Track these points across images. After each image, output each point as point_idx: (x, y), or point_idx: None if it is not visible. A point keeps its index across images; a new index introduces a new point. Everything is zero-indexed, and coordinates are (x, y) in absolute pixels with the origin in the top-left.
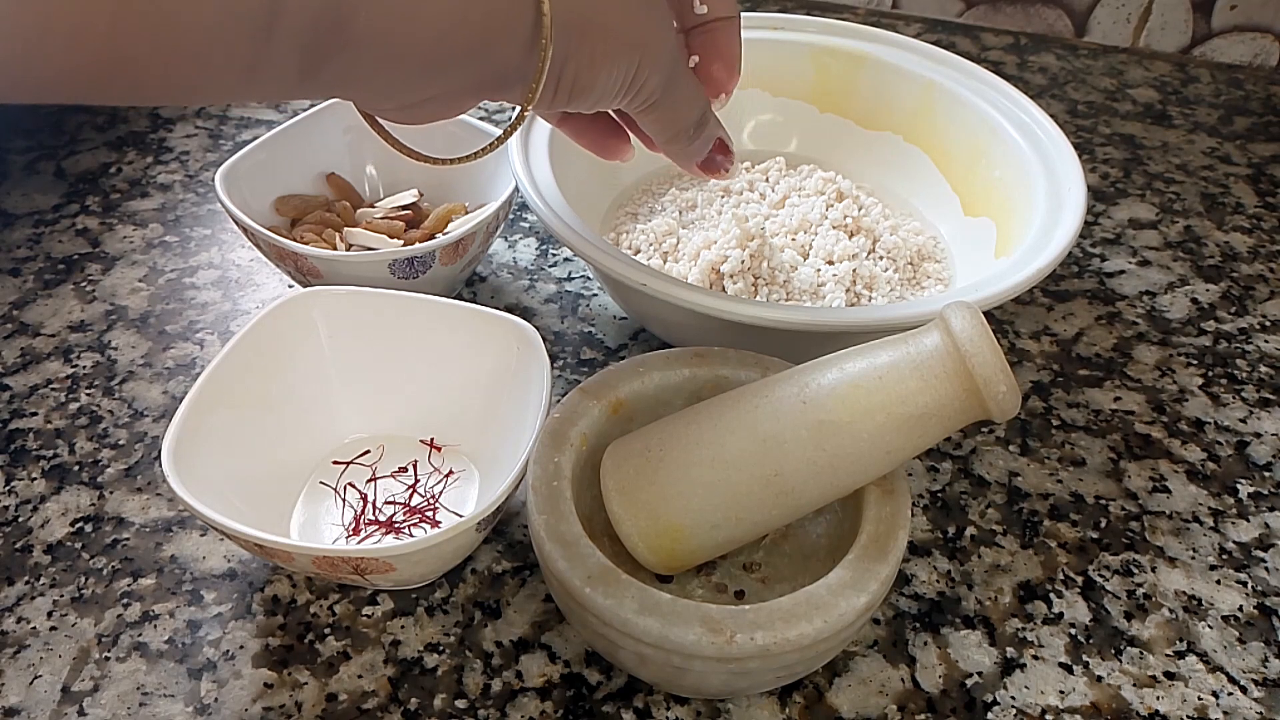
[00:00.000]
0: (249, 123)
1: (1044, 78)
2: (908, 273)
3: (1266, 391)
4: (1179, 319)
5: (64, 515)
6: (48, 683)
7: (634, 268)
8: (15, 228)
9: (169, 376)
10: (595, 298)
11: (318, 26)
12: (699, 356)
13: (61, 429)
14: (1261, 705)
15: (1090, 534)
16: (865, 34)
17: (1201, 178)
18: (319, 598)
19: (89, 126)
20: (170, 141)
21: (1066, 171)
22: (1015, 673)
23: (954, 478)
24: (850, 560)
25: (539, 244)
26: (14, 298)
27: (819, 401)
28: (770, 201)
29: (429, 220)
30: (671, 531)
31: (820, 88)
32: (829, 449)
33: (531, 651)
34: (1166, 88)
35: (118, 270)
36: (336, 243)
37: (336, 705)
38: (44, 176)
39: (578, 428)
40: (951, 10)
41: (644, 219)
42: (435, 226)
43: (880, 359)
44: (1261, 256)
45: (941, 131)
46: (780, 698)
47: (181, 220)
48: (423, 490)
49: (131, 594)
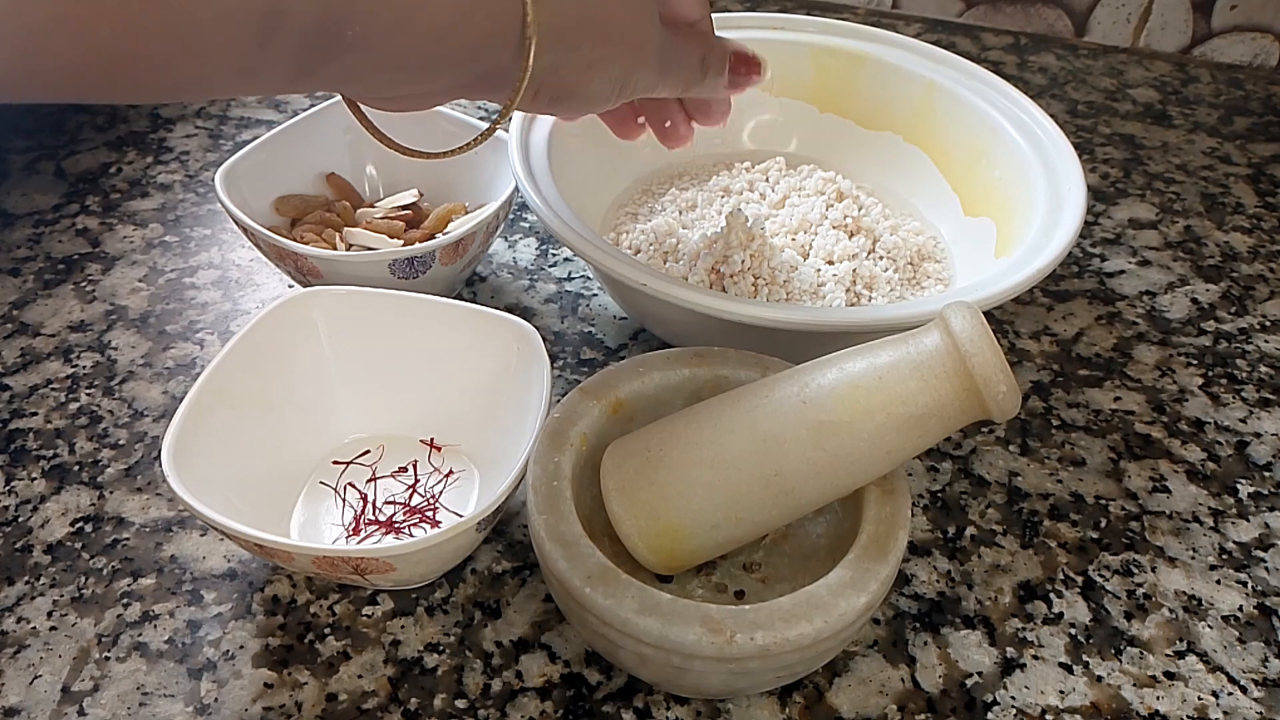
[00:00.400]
0: (249, 123)
1: (1044, 78)
2: (908, 273)
3: (1266, 391)
4: (1179, 319)
5: (64, 515)
6: (48, 683)
7: (634, 268)
8: (15, 228)
9: (169, 376)
10: (595, 298)
11: (317, 31)
12: (699, 356)
13: (61, 429)
14: (1261, 705)
15: (1090, 534)
16: (865, 34)
17: (1201, 178)
18: (319, 598)
19: (89, 126)
20: (170, 141)
21: (1066, 171)
22: (1015, 673)
23: (954, 478)
24: (850, 560)
25: (539, 244)
26: (14, 298)
27: (819, 401)
28: (770, 201)
29: (429, 220)
30: (671, 531)
31: (820, 88)
32: (829, 449)
33: (531, 651)
34: (1166, 88)
35: (118, 270)
36: (336, 243)
37: (336, 705)
38: (44, 176)
39: (578, 428)
40: (951, 10)
41: (644, 219)
42: (435, 226)
43: (880, 359)
44: (1261, 256)
45: (941, 131)
46: (780, 698)
47: (181, 220)
48: (423, 490)
49: (131, 594)
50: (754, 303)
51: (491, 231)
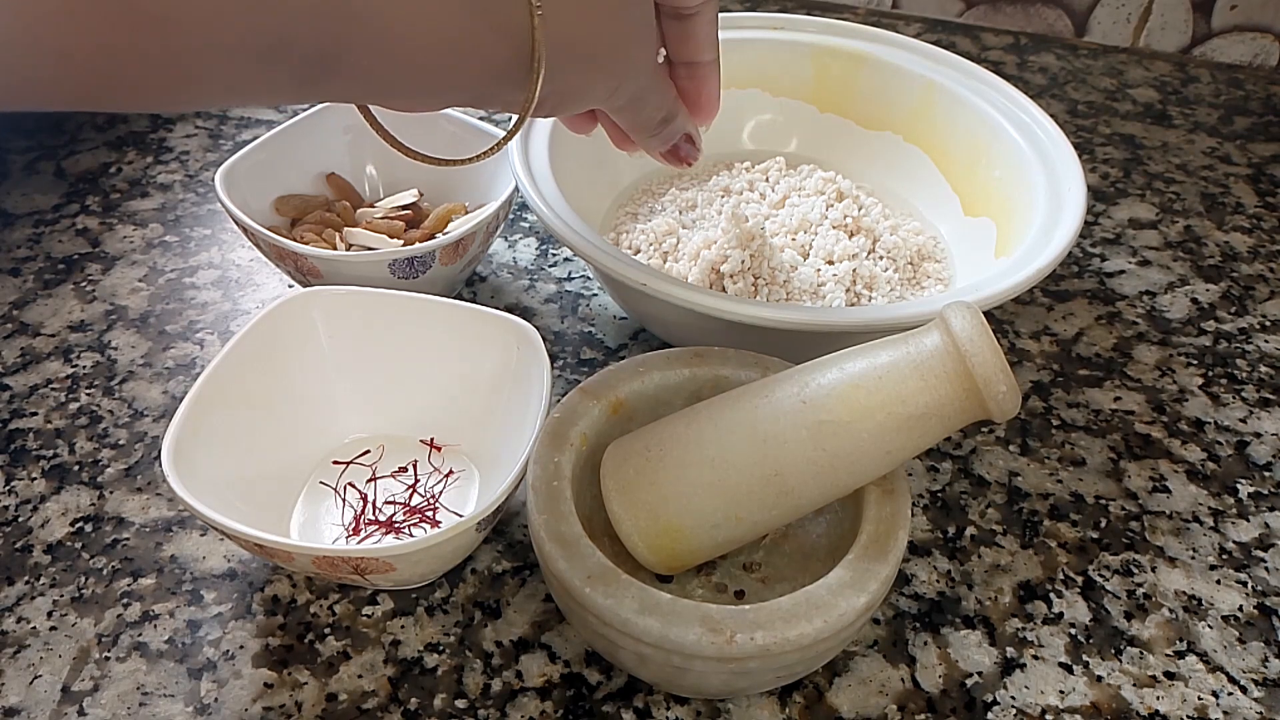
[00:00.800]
0: (249, 123)
1: (1044, 78)
2: (908, 273)
3: (1266, 391)
4: (1179, 319)
5: (64, 515)
6: (48, 683)
7: (634, 268)
8: (15, 228)
9: (169, 376)
10: (595, 298)
11: (319, 60)
12: (699, 356)
13: (61, 429)
14: (1261, 705)
15: (1090, 534)
16: (865, 34)
17: (1201, 178)
18: (319, 598)
19: (89, 126)
20: (170, 141)
21: (1066, 171)
22: (1015, 673)
23: (954, 477)
24: (850, 560)
25: (539, 244)
26: (14, 298)
27: (819, 401)
28: (770, 201)
29: (429, 220)
30: (671, 531)
31: (820, 88)
32: (829, 449)
33: (531, 651)
34: (1166, 88)
35: (118, 270)
36: (336, 242)
37: (336, 705)
38: (44, 176)
39: (578, 428)
40: (951, 10)
41: (644, 219)
42: (435, 226)
43: (880, 359)
44: (1261, 256)
45: (941, 131)
46: (780, 698)
47: (181, 220)
48: (423, 490)
49: (131, 594)
50: (754, 303)
51: (491, 232)
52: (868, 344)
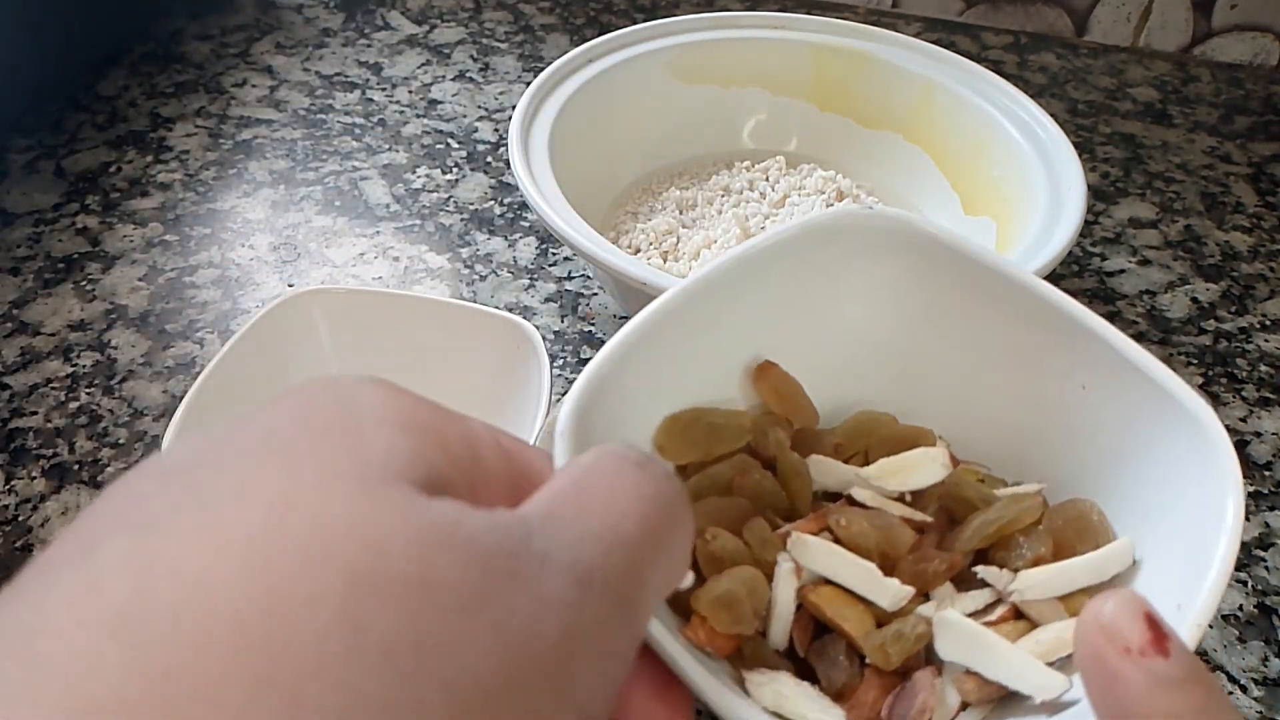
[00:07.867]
0: (249, 122)
1: (1044, 77)
2: None
3: (1266, 391)
4: (1179, 318)
5: (64, 515)
6: None
7: (634, 267)
8: (15, 227)
9: (169, 376)
10: (595, 297)
11: None
12: None
13: (61, 428)
14: (1261, 705)
15: None
16: (865, 33)
17: (1201, 177)
18: None
19: (89, 125)
20: (170, 140)
21: (1066, 171)
22: None
23: None
24: None
25: (539, 243)
26: (14, 297)
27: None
28: (770, 201)
29: None
30: None
31: (820, 87)
32: None
33: None
34: (1166, 87)
35: (118, 269)
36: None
37: None
38: (44, 175)
39: None
40: (951, 9)
41: (644, 218)
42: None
43: None
44: (1261, 256)
45: (942, 130)
46: None
47: (181, 219)
48: None
49: None
50: None
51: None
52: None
